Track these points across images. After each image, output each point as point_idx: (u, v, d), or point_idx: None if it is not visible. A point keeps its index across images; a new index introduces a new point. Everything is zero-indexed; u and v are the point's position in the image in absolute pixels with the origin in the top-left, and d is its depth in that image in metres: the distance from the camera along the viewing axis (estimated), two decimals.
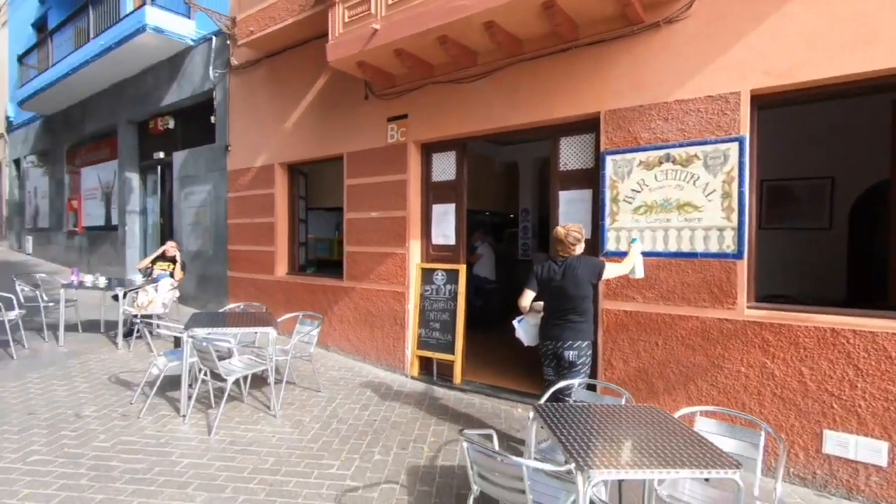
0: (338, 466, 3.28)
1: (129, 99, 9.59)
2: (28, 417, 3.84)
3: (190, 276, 7.59)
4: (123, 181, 10.00)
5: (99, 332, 6.38)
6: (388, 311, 5.46)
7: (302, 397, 4.52)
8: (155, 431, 3.69)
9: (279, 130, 6.55)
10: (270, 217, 6.76)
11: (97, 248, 10.73)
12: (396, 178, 5.35)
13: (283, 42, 6.30)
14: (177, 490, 2.92)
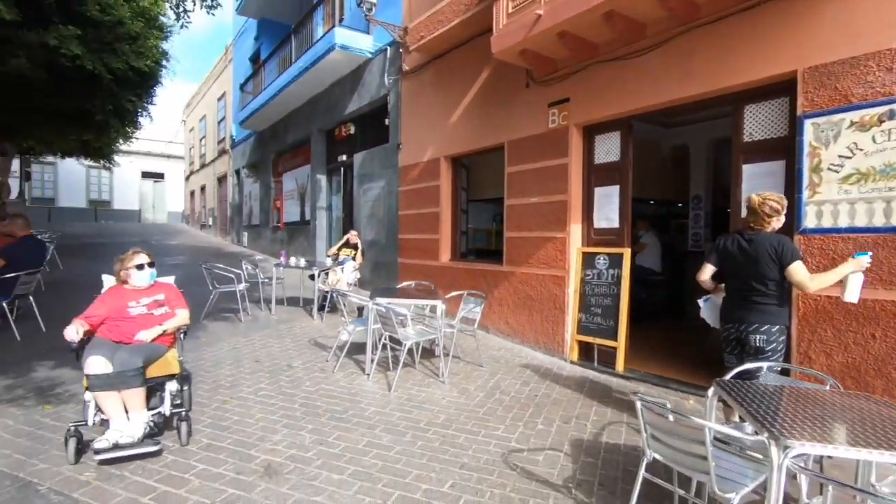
0: (503, 430, 3.46)
1: (319, 111, 11.17)
2: (255, 364, 4.78)
3: (366, 263, 8.56)
4: (314, 182, 11.67)
5: (298, 306, 7.57)
6: (547, 295, 5.51)
7: (466, 370, 4.82)
8: (346, 384, 4.30)
9: (444, 126, 7.03)
10: (436, 207, 7.30)
11: (294, 239, 12.69)
12: (557, 163, 5.38)
13: (448, 43, 6.76)
14: (367, 430, 3.38)
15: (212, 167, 21.88)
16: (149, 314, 3.26)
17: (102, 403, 2.87)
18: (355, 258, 7.44)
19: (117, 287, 3.37)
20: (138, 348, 3.03)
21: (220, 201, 21.07)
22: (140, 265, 3.34)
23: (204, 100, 23.13)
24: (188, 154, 27.56)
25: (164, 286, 3.51)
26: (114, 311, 3.18)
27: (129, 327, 3.15)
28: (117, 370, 2.84)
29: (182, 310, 3.41)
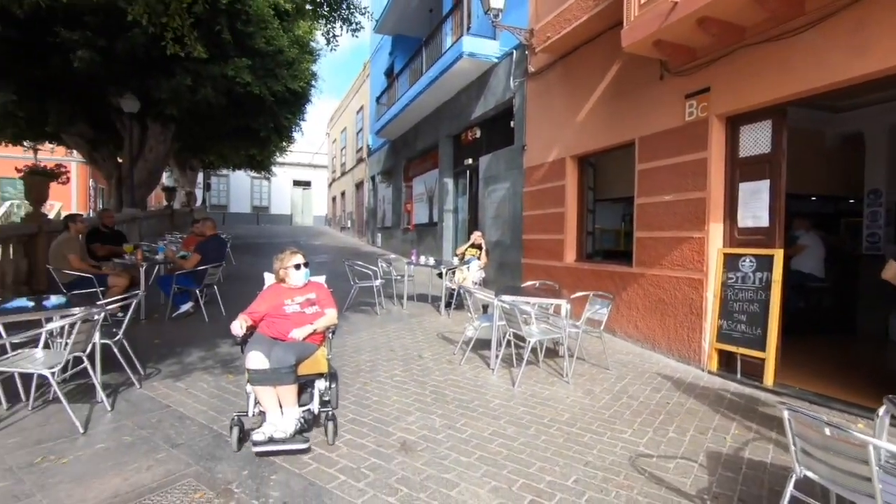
0: (630, 434, 3.36)
1: (447, 117, 11.69)
2: (390, 352, 5.22)
3: (490, 263, 8.76)
4: (441, 186, 12.22)
5: (427, 302, 8.03)
6: (681, 299, 5.17)
7: (591, 372, 4.74)
8: (472, 377, 4.50)
9: (570, 126, 6.94)
10: (561, 208, 7.23)
11: (423, 240, 13.41)
12: (694, 158, 5.02)
13: (575, 41, 6.66)
14: (492, 420, 3.53)
15: (351, 174, 23.99)
16: (301, 312, 3.35)
17: (260, 396, 3.02)
18: (480, 258, 7.67)
19: (276, 285, 3.52)
20: (292, 346, 3.12)
21: (358, 205, 23.00)
22: (297, 265, 3.45)
23: (345, 113, 25.45)
24: (331, 163, 30.51)
25: (315, 286, 3.61)
26: (272, 308, 3.32)
27: (284, 325, 3.26)
28: (273, 366, 2.95)
29: (331, 309, 3.47)
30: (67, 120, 11.65)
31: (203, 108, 11.34)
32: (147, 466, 2.78)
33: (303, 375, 3.17)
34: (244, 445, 2.99)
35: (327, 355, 3.37)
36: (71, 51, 9.44)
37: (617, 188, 7.34)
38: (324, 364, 3.29)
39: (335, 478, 2.70)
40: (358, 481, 2.67)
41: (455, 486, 2.65)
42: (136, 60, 10.14)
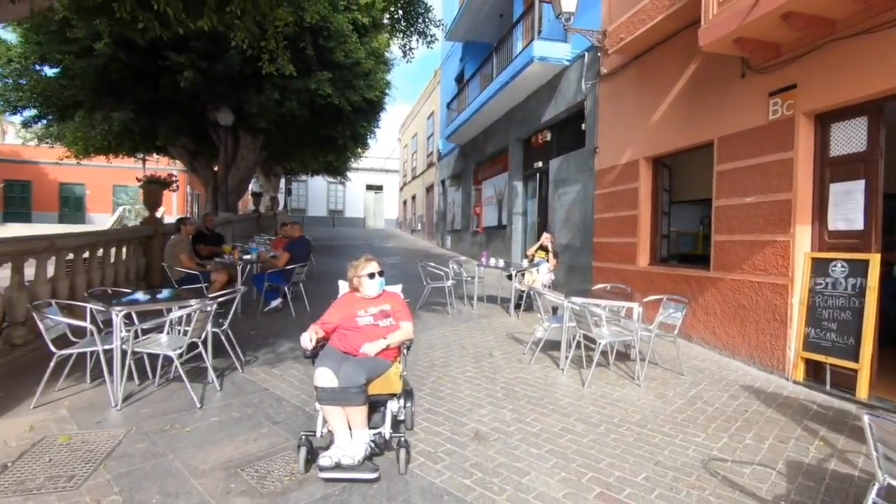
0: (703, 438, 3.34)
1: (516, 121, 11.79)
2: (461, 350, 5.44)
3: (560, 266, 8.76)
4: (511, 189, 12.33)
5: (496, 304, 8.19)
6: (764, 305, 4.96)
7: (664, 376, 4.69)
8: (542, 375, 4.61)
9: (643, 127, 6.83)
10: (633, 210, 7.12)
11: (492, 242, 13.57)
12: (779, 157, 4.82)
13: (650, 41, 6.56)
14: (561, 416, 3.64)
15: (421, 179, 24.64)
16: (374, 325, 3.13)
17: (328, 416, 2.80)
18: (549, 261, 7.71)
19: (349, 294, 3.32)
20: (362, 363, 2.90)
21: (428, 209, 23.57)
22: (371, 274, 3.22)
23: (416, 119, 26.18)
24: (402, 168, 31.46)
25: (391, 296, 3.35)
26: (344, 319, 3.13)
27: (356, 338, 3.06)
28: (342, 385, 2.74)
29: (406, 322, 3.22)
30: (174, 134, 13.03)
31: (288, 119, 12.25)
32: (254, 438, 3.18)
33: (374, 395, 2.89)
34: (312, 466, 2.78)
35: (402, 372, 3.13)
36: (178, 72, 10.59)
37: (694, 190, 7.11)
38: (397, 383, 3.00)
39: (414, 459, 2.95)
40: (435, 464, 2.91)
41: (526, 474, 2.81)
42: (232, 78, 11.17)
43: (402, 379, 3.11)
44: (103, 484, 2.60)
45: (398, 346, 3.15)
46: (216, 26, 5.22)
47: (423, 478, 2.74)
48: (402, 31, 6.39)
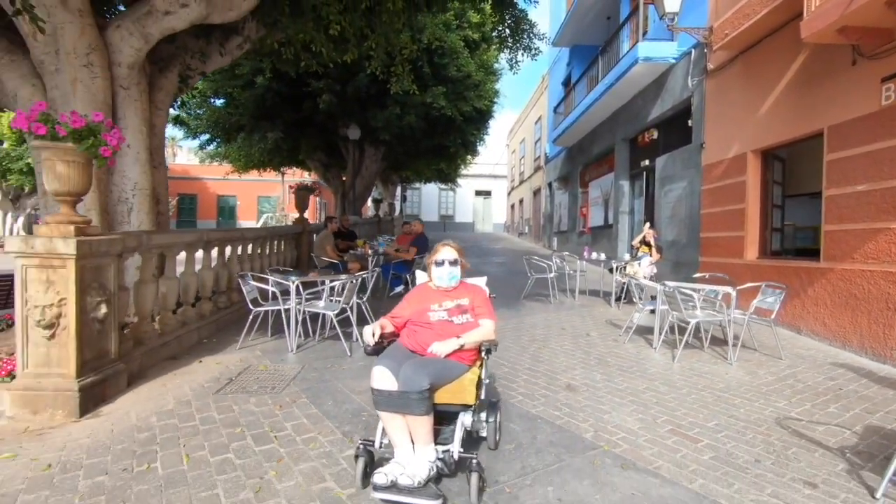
0: (785, 404, 3.61)
1: (622, 121, 11.92)
2: (561, 330, 6.01)
3: (666, 262, 8.85)
4: (617, 188, 12.45)
5: (598, 297, 8.55)
6: (876, 294, 4.88)
7: (760, 359, 4.85)
8: (635, 351, 5.05)
9: (751, 121, 6.83)
10: (741, 204, 7.10)
11: (597, 242, 13.73)
12: (891, 144, 4.74)
13: (756, 35, 6.58)
14: (647, 381, 4.10)
15: (528, 182, 25.14)
16: (448, 321, 2.72)
17: (387, 426, 2.42)
18: (651, 255, 7.92)
19: (424, 286, 2.97)
20: (428, 363, 2.47)
21: (535, 211, 24.00)
22: (440, 261, 2.83)
23: (523, 125, 26.77)
24: (510, 173, 32.17)
25: (471, 289, 2.92)
26: (416, 313, 2.77)
27: (425, 335, 2.68)
28: (401, 389, 2.33)
29: (487, 320, 2.77)
30: (313, 149, 15.13)
31: (406, 131, 13.63)
32: None
33: (442, 404, 2.48)
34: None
35: (482, 378, 2.66)
36: (318, 96, 12.44)
37: (811, 183, 6.92)
38: (470, 393, 2.50)
39: (515, 397, 3.66)
40: (532, 401, 3.59)
41: (607, 413, 3.38)
42: (360, 98, 12.79)
43: (480, 387, 2.63)
44: (295, 392, 3.69)
45: (476, 348, 2.64)
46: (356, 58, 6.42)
47: (521, 408, 3.45)
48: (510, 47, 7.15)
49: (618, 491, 2.42)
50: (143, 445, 2.82)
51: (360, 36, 6.11)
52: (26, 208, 26.72)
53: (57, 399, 3.17)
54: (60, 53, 4.31)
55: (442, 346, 2.56)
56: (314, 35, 5.75)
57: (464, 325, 2.71)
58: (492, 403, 2.82)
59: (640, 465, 2.67)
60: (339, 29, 5.59)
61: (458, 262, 2.86)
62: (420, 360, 2.49)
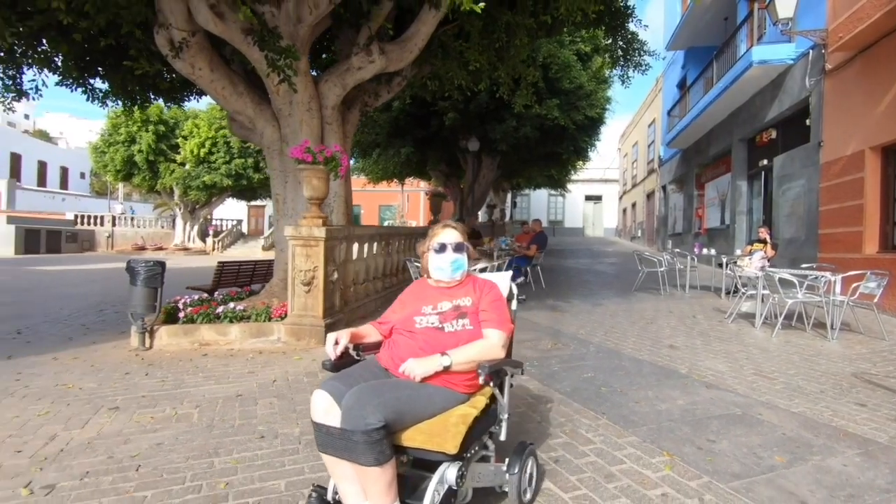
0: (867, 366, 4.21)
1: (739, 122, 12.00)
2: (668, 314, 6.80)
3: (784, 258, 9.01)
4: (734, 189, 12.48)
5: (709, 291, 9.01)
6: None
7: (861, 339, 5.30)
8: (735, 329, 5.75)
9: (869, 118, 7.02)
10: (859, 200, 7.26)
11: (714, 242, 13.72)
12: None
13: (873, 36, 6.82)
14: (743, 347, 4.87)
15: (641, 186, 24.96)
16: (436, 329, 1.96)
17: (331, 473, 1.79)
18: (766, 251, 8.26)
19: (422, 281, 2.24)
20: (388, 389, 1.74)
21: (648, 215, 23.79)
22: (439, 246, 2.08)
23: (636, 128, 26.60)
24: (621, 177, 31.86)
25: (480, 286, 2.12)
26: (404, 318, 2.05)
27: (404, 348, 1.96)
28: (342, 425, 1.65)
29: (493, 329, 1.97)
30: (437, 161, 16.98)
31: (522, 141, 14.86)
32: (540, 342, 5.37)
33: (413, 448, 1.74)
34: None
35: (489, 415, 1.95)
36: (443, 114, 14.17)
37: None
38: (455, 436, 1.71)
39: (625, 349, 4.70)
40: (639, 353, 4.61)
41: (701, 361, 4.31)
42: (480, 113, 14.30)
43: (477, 429, 1.82)
44: None
45: (473, 370, 1.84)
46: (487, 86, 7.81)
47: (630, 355, 4.49)
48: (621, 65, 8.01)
49: (700, 396, 3.42)
50: None
51: (492, 68, 7.48)
52: (199, 218, 32.41)
53: (311, 331, 4.88)
54: (293, 103, 6.22)
55: (417, 365, 1.80)
56: (457, 71, 7.24)
57: (456, 336, 1.93)
58: (520, 447, 2.07)
59: (722, 387, 3.61)
60: (477, 65, 7.01)
61: (463, 246, 2.10)
62: (378, 385, 1.75)
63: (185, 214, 31.50)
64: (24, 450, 2.62)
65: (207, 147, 27.31)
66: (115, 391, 3.61)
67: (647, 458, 2.51)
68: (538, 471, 2.22)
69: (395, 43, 6.38)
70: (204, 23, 5.38)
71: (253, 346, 4.87)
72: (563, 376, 3.89)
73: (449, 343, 1.91)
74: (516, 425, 2.83)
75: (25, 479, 2.31)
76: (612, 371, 4.02)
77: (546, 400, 3.36)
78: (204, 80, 6.00)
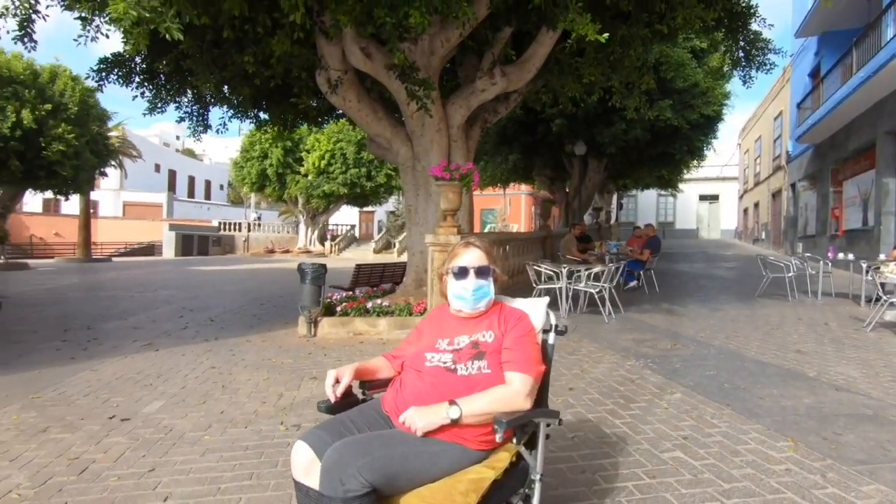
0: None
1: (886, 113, 10.90)
2: (797, 320, 6.60)
3: None
4: (879, 186, 11.33)
5: (846, 298, 8.41)
6: None
7: None
8: (875, 337, 5.53)
9: None
10: None
11: (854, 245, 12.51)
12: None
13: None
14: (883, 356, 4.74)
15: (766, 184, 23.04)
16: (446, 371, 1.61)
17: None
18: None
19: (442, 308, 1.87)
20: (382, 443, 1.45)
21: (774, 216, 21.92)
22: (459, 270, 1.72)
23: (759, 122, 24.60)
24: (742, 174, 29.53)
25: (507, 316, 1.74)
26: (416, 353, 1.72)
27: (410, 390, 1.63)
28: (319, 488, 1.38)
29: (516, 374, 1.58)
30: (543, 166, 17.32)
31: (631, 143, 14.68)
32: (641, 335, 5.66)
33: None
34: None
35: (514, 478, 1.57)
36: (551, 121, 14.49)
37: None
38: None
39: (748, 353, 4.82)
40: (763, 356, 4.72)
41: (832, 367, 4.34)
42: (587, 118, 14.40)
43: (497, 497, 1.50)
44: (576, 336, 5.55)
45: (490, 424, 1.48)
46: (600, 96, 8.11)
47: (753, 357, 4.62)
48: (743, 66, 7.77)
49: (827, 397, 3.55)
50: None
51: (606, 78, 7.76)
52: (319, 223, 35.63)
53: None
54: (425, 125, 7.06)
55: (418, 417, 1.48)
56: (571, 84, 7.65)
57: (469, 381, 1.58)
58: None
59: (853, 390, 3.70)
60: (592, 78, 7.36)
61: (489, 271, 1.74)
62: (366, 439, 1.47)
63: (307, 220, 34.87)
64: (267, 402, 3.59)
65: (327, 159, 30.07)
66: (307, 365, 4.60)
67: (771, 441, 2.81)
68: None
69: (514, 65, 6.98)
70: (356, 63, 6.40)
71: (398, 336, 5.73)
72: (685, 373, 4.19)
73: (459, 389, 1.55)
74: (639, 416, 3.25)
75: (277, 420, 3.23)
76: (735, 371, 4.23)
77: (670, 391, 3.72)
78: (352, 109, 7.07)
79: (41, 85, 18.01)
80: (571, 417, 3.18)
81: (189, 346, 5.48)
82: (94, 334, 6.16)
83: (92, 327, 6.65)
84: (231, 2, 4.66)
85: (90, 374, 4.33)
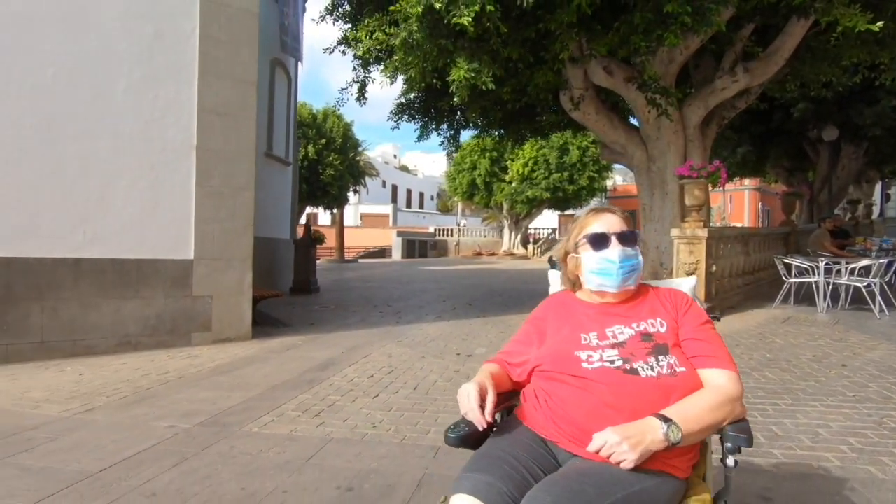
0: None
1: None
2: None
3: None
4: None
5: None
6: None
7: None
8: None
9: None
10: None
11: None
12: None
13: None
14: None
15: None
16: (622, 373, 1.23)
17: None
18: None
19: (562, 296, 1.52)
20: (593, 490, 1.04)
21: None
22: (599, 237, 1.37)
23: None
24: None
25: (665, 296, 1.42)
26: (552, 353, 1.33)
27: (575, 404, 1.23)
28: None
29: (722, 371, 1.23)
30: (779, 157, 15.66)
31: None
32: None
33: None
34: None
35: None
36: (790, 106, 13.10)
37: None
38: None
39: None
40: None
41: None
42: (839, 98, 12.60)
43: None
44: (838, 327, 5.44)
45: (696, 445, 1.25)
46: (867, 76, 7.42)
47: None
48: None
49: None
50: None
51: (872, 56, 7.08)
52: (522, 228, 37.41)
53: None
54: (661, 129, 7.54)
55: (627, 442, 1.07)
56: (827, 70, 7.22)
57: (663, 384, 1.20)
58: None
59: None
60: (854, 60, 6.85)
61: (636, 237, 1.41)
62: (575, 485, 1.06)
63: (510, 225, 37.00)
64: None
65: (530, 166, 31.57)
66: None
67: None
68: None
69: (758, 59, 6.99)
70: (598, 80, 7.28)
71: None
72: None
73: (653, 397, 1.17)
74: None
75: None
76: None
77: None
78: (591, 121, 7.97)
79: (318, 125, 23.39)
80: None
81: (468, 320, 7.04)
82: (395, 310, 8.24)
83: (390, 305, 8.84)
84: (511, 49, 5.99)
85: (419, 331, 6.09)
